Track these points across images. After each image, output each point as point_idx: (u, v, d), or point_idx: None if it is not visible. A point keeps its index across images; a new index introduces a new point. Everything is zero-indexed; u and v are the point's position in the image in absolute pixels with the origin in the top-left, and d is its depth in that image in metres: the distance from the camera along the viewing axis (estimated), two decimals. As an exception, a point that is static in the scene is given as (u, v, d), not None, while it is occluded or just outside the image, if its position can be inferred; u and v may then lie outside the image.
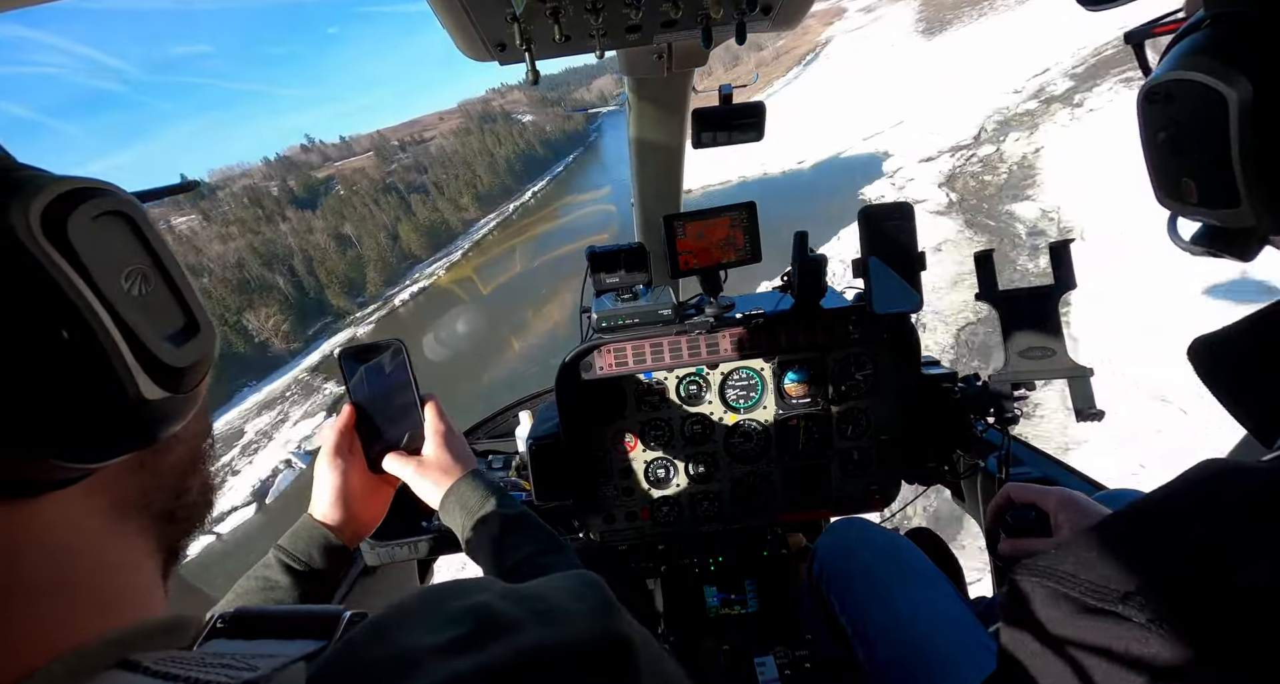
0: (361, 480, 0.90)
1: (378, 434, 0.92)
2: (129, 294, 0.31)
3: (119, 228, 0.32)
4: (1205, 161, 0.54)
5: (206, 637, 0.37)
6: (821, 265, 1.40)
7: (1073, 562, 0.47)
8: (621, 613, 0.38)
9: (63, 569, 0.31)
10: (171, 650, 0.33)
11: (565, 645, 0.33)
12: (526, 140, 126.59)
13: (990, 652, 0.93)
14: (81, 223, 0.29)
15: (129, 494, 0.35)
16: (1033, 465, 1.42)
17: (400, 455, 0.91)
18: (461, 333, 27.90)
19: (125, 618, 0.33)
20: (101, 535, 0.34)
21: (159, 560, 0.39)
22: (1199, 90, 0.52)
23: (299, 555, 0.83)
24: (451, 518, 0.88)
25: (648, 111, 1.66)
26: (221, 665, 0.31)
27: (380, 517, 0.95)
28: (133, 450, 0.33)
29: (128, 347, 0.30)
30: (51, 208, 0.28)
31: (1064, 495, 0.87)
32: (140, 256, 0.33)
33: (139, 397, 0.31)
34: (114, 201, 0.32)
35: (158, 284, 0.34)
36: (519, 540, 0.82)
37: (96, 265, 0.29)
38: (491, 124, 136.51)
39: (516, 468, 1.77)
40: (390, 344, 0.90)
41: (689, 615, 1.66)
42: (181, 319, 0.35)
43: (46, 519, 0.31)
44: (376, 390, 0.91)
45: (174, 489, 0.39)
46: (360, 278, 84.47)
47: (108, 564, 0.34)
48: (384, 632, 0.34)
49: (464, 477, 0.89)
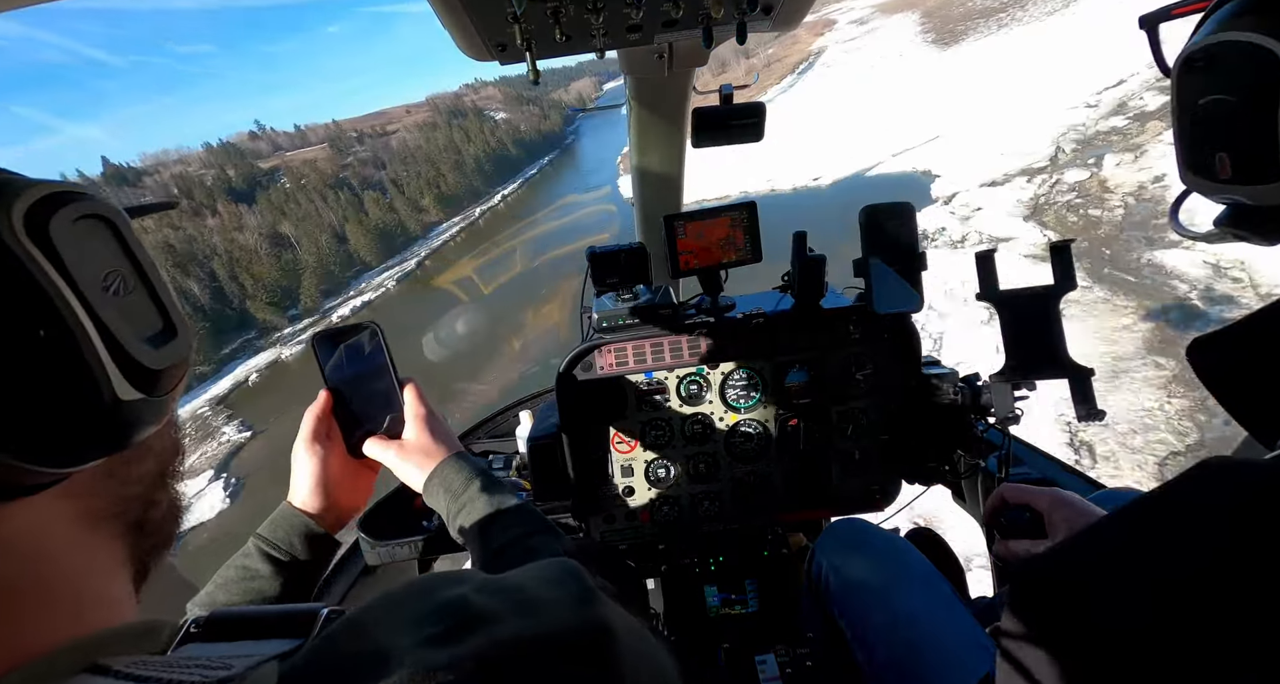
0: (341, 466, 0.88)
1: (356, 419, 0.89)
2: (108, 296, 0.32)
3: (100, 231, 0.33)
4: (1245, 130, 0.52)
5: (181, 641, 0.37)
6: (821, 265, 1.40)
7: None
8: (602, 600, 0.37)
9: (33, 574, 0.31)
10: (143, 655, 0.32)
11: (543, 636, 0.33)
12: (499, 139, 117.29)
13: (990, 652, 0.92)
14: (63, 225, 0.30)
15: (99, 503, 0.36)
16: (1033, 465, 1.42)
17: (381, 439, 0.88)
18: (461, 333, 27.82)
19: (97, 624, 0.33)
20: (72, 542, 0.34)
21: (130, 572, 0.38)
22: (1246, 51, 0.50)
23: (279, 544, 0.81)
24: (436, 501, 0.86)
25: (648, 111, 1.66)
26: (196, 666, 0.31)
27: (363, 503, 0.93)
28: (106, 454, 0.33)
29: (105, 347, 0.31)
30: (34, 209, 0.29)
31: (1057, 496, 0.87)
32: (120, 260, 0.34)
33: (114, 398, 0.31)
34: (95, 206, 0.32)
35: (136, 287, 0.35)
36: (506, 522, 0.80)
37: (77, 266, 0.30)
38: (461, 120, 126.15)
39: (517, 468, 1.77)
40: (366, 326, 0.88)
41: (689, 615, 1.66)
42: (159, 322, 0.36)
43: (17, 524, 0.31)
44: (353, 374, 0.89)
45: (144, 500, 0.39)
46: (295, 286, 70.61)
47: (79, 570, 0.34)
48: (360, 627, 0.34)
49: (447, 459, 0.87)
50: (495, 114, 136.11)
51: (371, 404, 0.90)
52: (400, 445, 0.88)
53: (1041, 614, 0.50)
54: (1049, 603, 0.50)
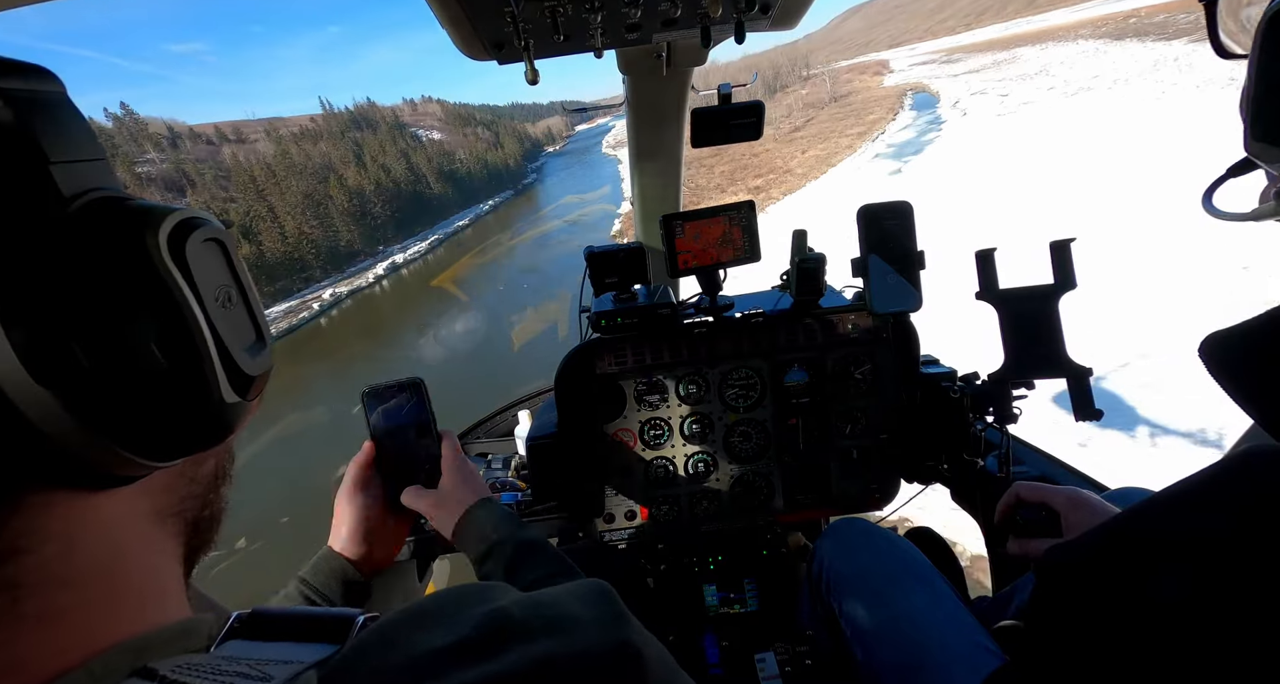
0: (380, 515, 0.93)
1: (396, 469, 0.95)
2: (220, 308, 0.36)
3: (216, 252, 0.37)
4: None
5: (224, 638, 0.39)
6: (820, 264, 1.40)
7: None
8: (633, 623, 0.38)
9: (113, 566, 0.33)
10: (188, 655, 0.33)
11: (576, 655, 0.34)
12: (414, 169, 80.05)
13: (990, 652, 0.92)
14: (195, 246, 0.35)
15: (168, 500, 0.38)
16: (1032, 465, 1.42)
17: (418, 489, 0.94)
18: (460, 332, 27.64)
19: (160, 618, 0.35)
20: (144, 538, 0.36)
21: (183, 571, 0.40)
22: None
23: (320, 588, 0.84)
24: (466, 545, 0.90)
25: (647, 111, 1.66)
26: (236, 674, 0.32)
27: (397, 551, 0.98)
28: (202, 450, 0.37)
29: (217, 353, 0.35)
30: (174, 233, 0.33)
31: (1075, 495, 0.87)
32: (228, 277, 0.38)
33: (221, 399, 0.35)
34: (215, 230, 0.37)
35: (239, 302, 0.39)
36: (533, 563, 0.84)
37: (203, 282, 0.35)
38: (361, 133, 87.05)
39: (516, 467, 1.77)
40: (412, 382, 0.95)
41: (688, 614, 1.66)
42: (253, 334, 0.40)
43: (104, 515, 0.33)
44: (396, 426, 0.95)
45: (203, 499, 0.41)
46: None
47: (149, 566, 0.36)
48: (394, 637, 0.35)
49: (477, 504, 0.92)
50: (427, 133, 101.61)
51: (411, 455, 0.96)
52: (436, 494, 0.94)
53: (1076, 601, 0.50)
54: (1085, 589, 0.50)
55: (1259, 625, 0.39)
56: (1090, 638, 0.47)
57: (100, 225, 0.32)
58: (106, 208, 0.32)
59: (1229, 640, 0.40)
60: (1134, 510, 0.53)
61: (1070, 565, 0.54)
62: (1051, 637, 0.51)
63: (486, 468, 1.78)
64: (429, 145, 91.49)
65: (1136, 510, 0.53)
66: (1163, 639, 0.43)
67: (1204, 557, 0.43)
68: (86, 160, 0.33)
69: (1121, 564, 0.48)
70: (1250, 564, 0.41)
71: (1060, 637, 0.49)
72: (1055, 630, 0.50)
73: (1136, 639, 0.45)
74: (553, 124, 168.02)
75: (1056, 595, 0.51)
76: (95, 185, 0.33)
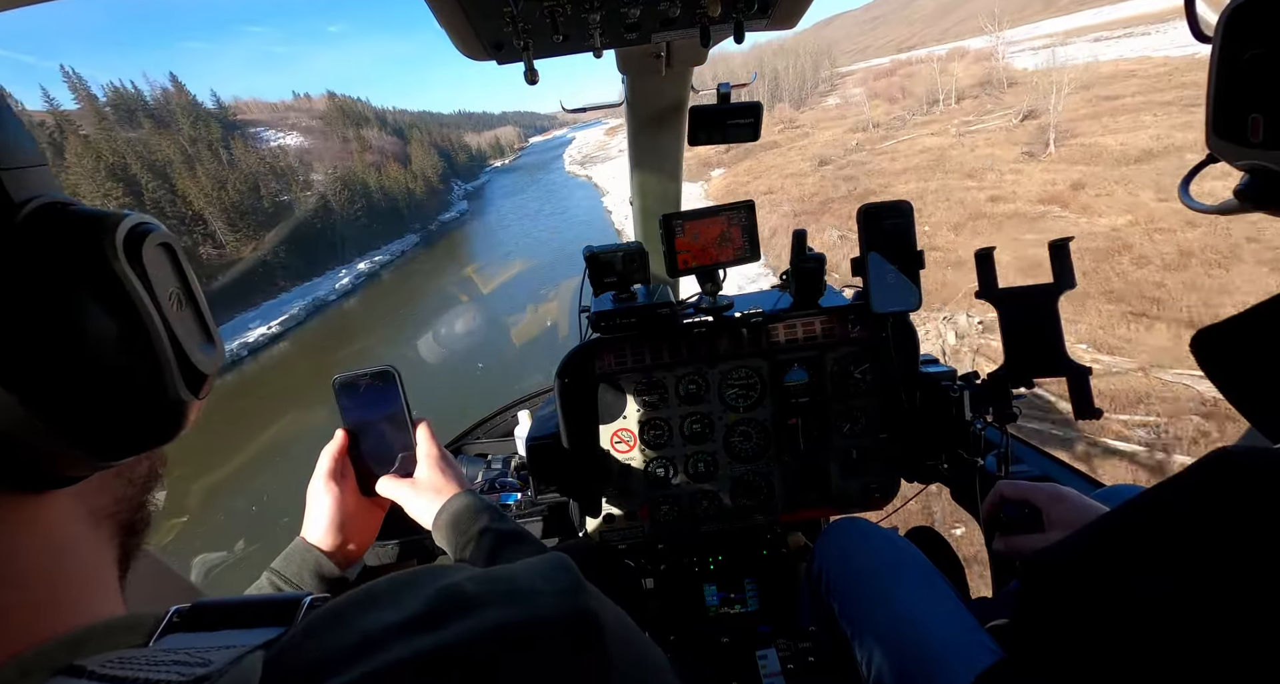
0: (355, 504, 0.91)
1: (370, 458, 0.94)
2: (173, 309, 0.38)
3: (167, 256, 0.39)
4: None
5: (163, 632, 0.38)
6: (820, 264, 1.40)
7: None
8: (591, 590, 0.37)
9: (53, 567, 0.33)
10: (123, 650, 0.33)
11: (529, 620, 0.33)
12: (219, 185, 50.04)
13: (990, 651, 0.92)
14: (149, 250, 0.36)
15: (104, 501, 0.39)
16: (1032, 464, 1.42)
17: (393, 478, 0.93)
18: (460, 332, 27.60)
19: (98, 616, 0.34)
20: (82, 539, 0.36)
21: (118, 571, 0.41)
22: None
23: (292, 579, 0.82)
24: (443, 537, 0.88)
25: (646, 111, 1.66)
26: (173, 663, 0.31)
27: (371, 540, 0.96)
28: (156, 446, 0.37)
29: (173, 352, 0.36)
30: (129, 237, 0.35)
31: (1054, 491, 0.88)
32: (177, 280, 0.40)
33: (177, 396, 0.36)
34: (166, 235, 0.38)
35: (188, 303, 0.40)
36: (513, 553, 0.82)
37: (157, 283, 0.36)
38: (137, 132, 53.67)
39: (515, 468, 1.77)
40: (384, 370, 0.94)
41: (688, 614, 1.66)
42: (202, 334, 0.41)
43: (44, 516, 0.33)
44: (369, 415, 0.94)
45: (137, 502, 0.42)
46: None
47: (88, 566, 0.36)
48: (344, 615, 0.34)
49: (455, 495, 0.90)
50: (278, 138, 68.52)
51: (386, 444, 0.95)
52: (412, 483, 0.92)
53: (1060, 601, 0.50)
54: (1068, 589, 0.50)
55: (1242, 622, 0.39)
56: (1076, 636, 0.47)
57: (53, 231, 0.32)
58: (56, 213, 0.33)
59: (1214, 637, 0.40)
60: (1119, 510, 0.53)
61: (1055, 567, 0.54)
62: (1038, 635, 0.52)
63: (486, 468, 1.78)
64: (266, 153, 62.28)
65: (1122, 510, 0.53)
66: (1148, 637, 0.43)
67: (1187, 555, 0.43)
68: (30, 166, 0.34)
69: (1107, 563, 0.49)
70: (1231, 562, 0.41)
71: (1046, 635, 0.50)
72: (1041, 629, 0.51)
73: (1122, 637, 0.45)
74: (505, 135, 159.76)
75: (1040, 595, 0.52)
76: (39, 191, 0.33)
